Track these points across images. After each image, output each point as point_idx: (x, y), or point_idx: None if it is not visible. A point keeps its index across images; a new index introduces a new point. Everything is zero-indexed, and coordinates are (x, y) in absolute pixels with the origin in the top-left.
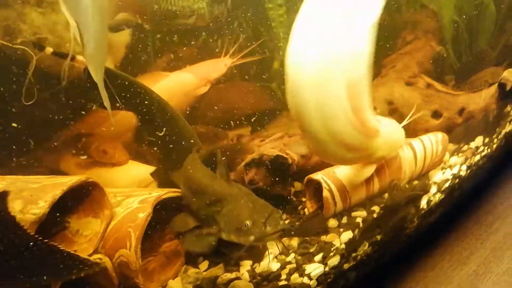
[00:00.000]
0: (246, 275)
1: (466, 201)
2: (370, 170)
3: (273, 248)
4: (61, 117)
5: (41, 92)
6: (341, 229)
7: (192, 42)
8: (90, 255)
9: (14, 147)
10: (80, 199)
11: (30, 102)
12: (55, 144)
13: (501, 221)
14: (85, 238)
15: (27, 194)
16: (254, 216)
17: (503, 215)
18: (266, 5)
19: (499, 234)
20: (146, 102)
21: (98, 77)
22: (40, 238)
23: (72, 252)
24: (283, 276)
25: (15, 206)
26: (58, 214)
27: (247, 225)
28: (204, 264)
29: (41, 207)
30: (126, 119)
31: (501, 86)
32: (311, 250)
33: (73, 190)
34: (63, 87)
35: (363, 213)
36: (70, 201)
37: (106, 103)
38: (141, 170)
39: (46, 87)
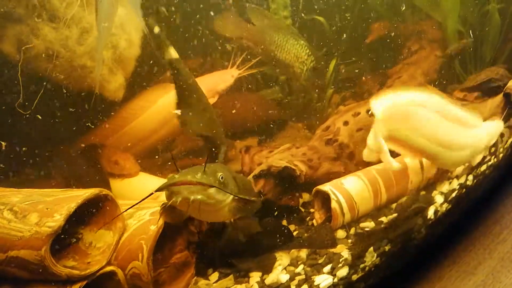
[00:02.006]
0: (256, 287)
1: (473, 211)
2: None
3: (282, 260)
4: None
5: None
6: (349, 240)
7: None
8: (103, 267)
9: (26, 158)
10: (93, 211)
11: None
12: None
13: (508, 231)
14: (98, 250)
15: (43, 207)
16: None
17: (510, 225)
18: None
19: (507, 244)
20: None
21: (100, 43)
22: None
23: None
24: None
25: (31, 219)
26: (72, 226)
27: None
28: (214, 276)
29: (56, 220)
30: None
31: (507, 96)
32: (320, 261)
33: (86, 202)
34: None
35: (371, 224)
36: (83, 213)
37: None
38: (152, 182)
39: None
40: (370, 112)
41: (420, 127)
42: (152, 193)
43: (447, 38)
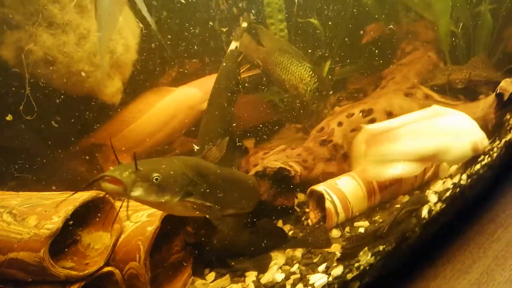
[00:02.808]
0: (251, 286)
1: (468, 210)
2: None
3: (278, 259)
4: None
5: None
6: (344, 240)
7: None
8: (101, 268)
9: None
10: (91, 213)
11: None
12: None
13: (503, 230)
14: (96, 251)
15: (41, 210)
16: None
17: (505, 223)
18: (268, 21)
19: (501, 243)
20: None
21: (103, 39)
22: None
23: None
24: (288, 287)
25: (30, 222)
26: (70, 228)
27: None
28: (211, 276)
29: (54, 222)
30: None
31: (499, 95)
32: (315, 260)
33: (84, 205)
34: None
35: (366, 223)
36: (81, 215)
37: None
38: None
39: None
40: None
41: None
42: (87, 185)
43: (440, 39)
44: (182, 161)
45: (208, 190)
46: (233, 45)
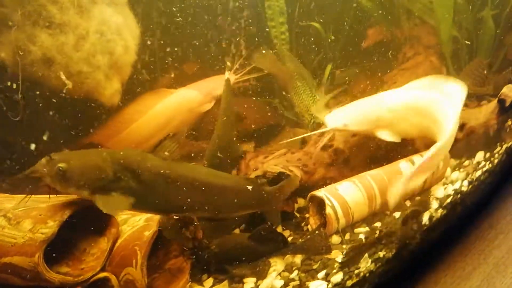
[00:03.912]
0: None
1: (469, 216)
2: None
3: (277, 266)
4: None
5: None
6: (344, 246)
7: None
8: (97, 273)
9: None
10: (87, 217)
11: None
12: None
13: (503, 236)
14: (92, 256)
15: (37, 213)
16: None
17: (505, 229)
18: (269, 23)
19: (502, 249)
20: None
21: None
22: None
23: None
24: None
25: (25, 226)
26: (65, 232)
27: None
28: (209, 282)
29: (50, 226)
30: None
31: (501, 101)
32: (314, 267)
33: (81, 208)
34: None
35: (366, 229)
36: (77, 220)
37: None
38: None
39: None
40: None
41: None
42: None
43: (441, 43)
44: (108, 154)
45: (142, 189)
46: (226, 74)
